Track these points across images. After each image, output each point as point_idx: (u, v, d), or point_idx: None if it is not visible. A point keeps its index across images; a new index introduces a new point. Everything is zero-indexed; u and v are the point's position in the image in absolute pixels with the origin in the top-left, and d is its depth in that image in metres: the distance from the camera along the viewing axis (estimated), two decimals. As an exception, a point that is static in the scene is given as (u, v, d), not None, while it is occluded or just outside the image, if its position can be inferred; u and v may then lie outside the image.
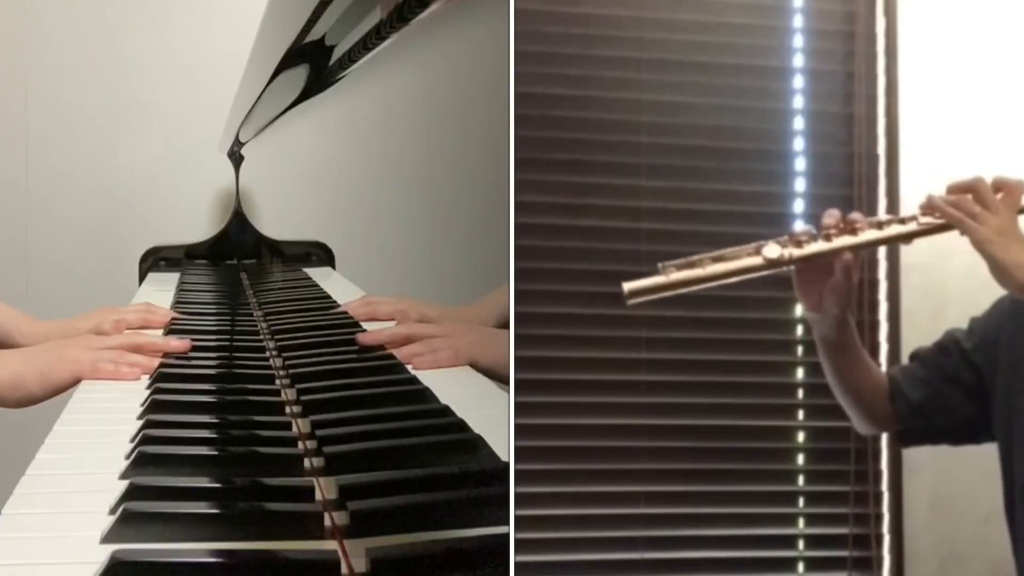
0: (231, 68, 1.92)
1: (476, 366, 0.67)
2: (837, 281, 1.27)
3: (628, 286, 1.23)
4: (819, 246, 1.25)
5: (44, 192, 2.47)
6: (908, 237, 1.30)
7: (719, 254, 1.26)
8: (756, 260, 1.25)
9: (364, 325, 1.03)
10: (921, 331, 2.16)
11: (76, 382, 1.18)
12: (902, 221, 1.27)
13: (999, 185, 1.26)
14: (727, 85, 2.26)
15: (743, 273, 1.26)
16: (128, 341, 1.25)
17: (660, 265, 1.24)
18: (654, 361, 2.21)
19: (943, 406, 1.40)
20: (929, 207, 1.27)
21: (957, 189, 1.27)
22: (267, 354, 1.27)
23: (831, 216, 1.27)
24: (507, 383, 0.57)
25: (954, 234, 1.91)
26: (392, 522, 0.69)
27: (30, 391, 1.19)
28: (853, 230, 1.25)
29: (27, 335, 1.38)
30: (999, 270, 1.23)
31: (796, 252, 1.25)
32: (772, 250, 1.24)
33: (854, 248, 1.26)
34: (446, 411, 0.80)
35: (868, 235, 1.25)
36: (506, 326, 0.60)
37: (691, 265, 1.25)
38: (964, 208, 1.25)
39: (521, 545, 2.12)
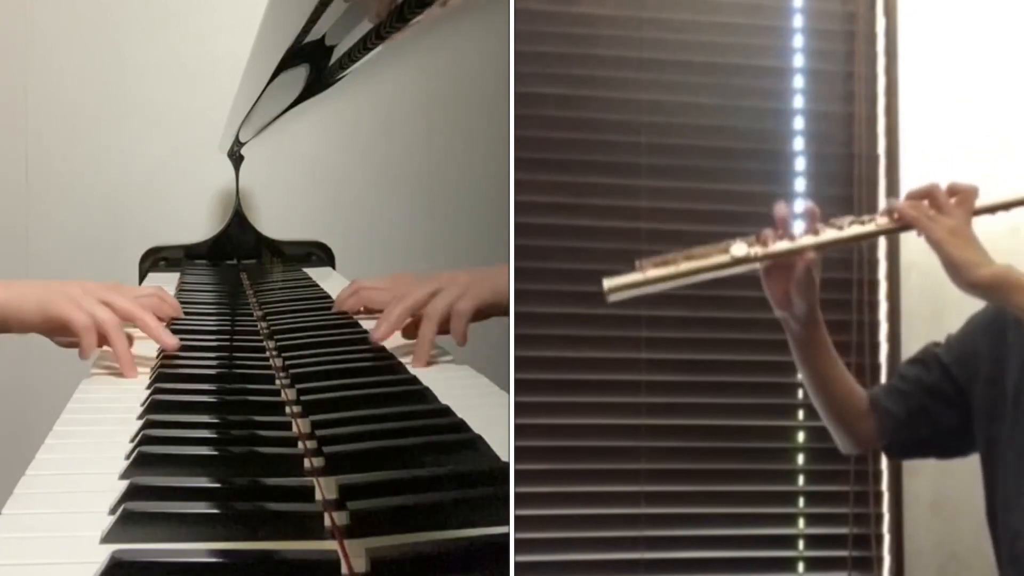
0: (231, 68, 1.92)
1: (498, 300, 0.66)
2: (800, 278, 1.34)
3: (608, 283, 1.29)
4: (783, 245, 1.33)
5: (44, 192, 2.47)
6: (868, 236, 1.38)
7: (691, 252, 1.35)
8: (724, 257, 1.34)
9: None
10: (921, 331, 2.17)
11: (67, 325, 1.20)
12: (862, 223, 1.35)
13: (953, 190, 1.34)
14: (727, 85, 2.26)
15: (713, 270, 1.35)
16: (127, 313, 1.26)
17: (637, 262, 1.31)
18: (654, 361, 2.21)
19: (927, 418, 1.45)
20: (888, 211, 1.35)
21: (915, 195, 1.35)
22: (267, 354, 1.27)
23: (779, 210, 1.34)
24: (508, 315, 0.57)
25: None
26: (392, 522, 0.69)
27: (27, 318, 1.21)
28: (815, 230, 1.33)
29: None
30: (952, 267, 1.31)
31: (761, 250, 1.33)
32: (739, 248, 1.34)
33: (817, 247, 1.33)
34: (446, 411, 0.80)
35: (829, 234, 1.33)
36: (505, 308, 0.59)
37: (666, 263, 1.33)
38: (920, 210, 1.33)
39: (521, 545, 2.12)
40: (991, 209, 1.36)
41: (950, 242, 1.30)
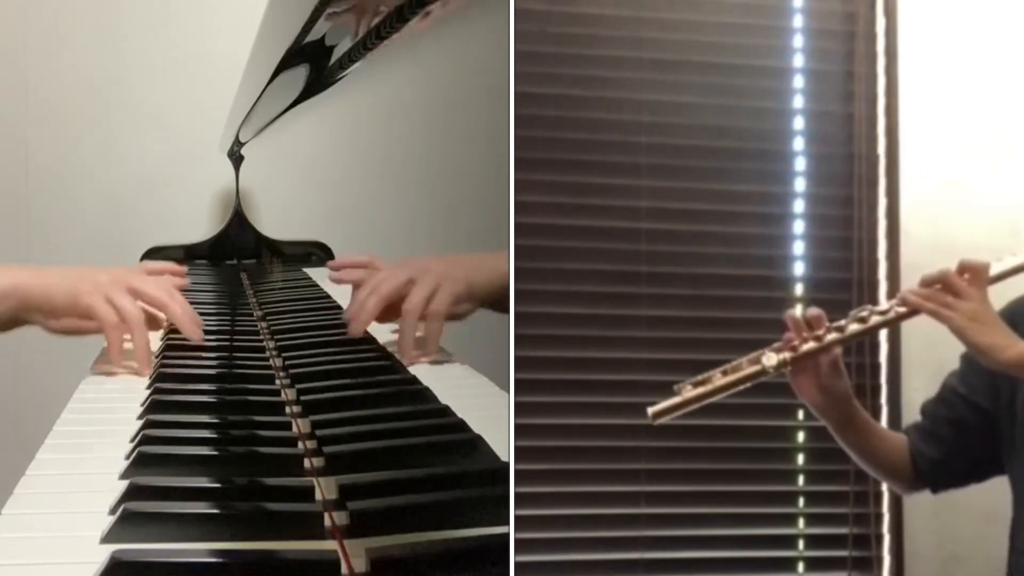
0: (231, 68, 1.92)
1: (473, 290, 0.66)
2: (828, 370, 1.38)
3: (652, 410, 1.38)
4: (812, 346, 1.38)
5: (44, 192, 2.47)
6: (890, 324, 1.41)
7: (725, 368, 1.40)
8: (757, 368, 1.39)
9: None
10: (921, 331, 2.16)
11: (94, 318, 1.21)
12: (882, 313, 1.39)
13: (965, 267, 1.35)
14: (727, 85, 2.26)
15: (748, 381, 1.40)
16: (156, 301, 1.26)
17: (675, 386, 1.38)
18: (654, 361, 2.21)
19: (960, 455, 1.48)
20: (903, 303, 1.37)
21: (928, 282, 1.36)
22: (267, 354, 1.27)
23: (790, 318, 1.39)
24: (506, 309, 0.57)
25: (954, 225, 2.05)
26: (392, 522, 0.69)
27: (58, 305, 1.22)
28: (840, 327, 1.37)
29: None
30: (979, 353, 1.32)
31: (791, 355, 1.38)
32: (771, 359, 1.39)
33: (843, 342, 1.38)
34: (446, 411, 0.80)
35: (854, 328, 1.38)
36: (501, 300, 0.59)
37: (703, 382, 1.38)
38: (936, 299, 1.34)
39: (521, 545, 2.12)
40: (1003, 277, 1.36)
41: (972, 328, 1.31)
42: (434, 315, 0.73)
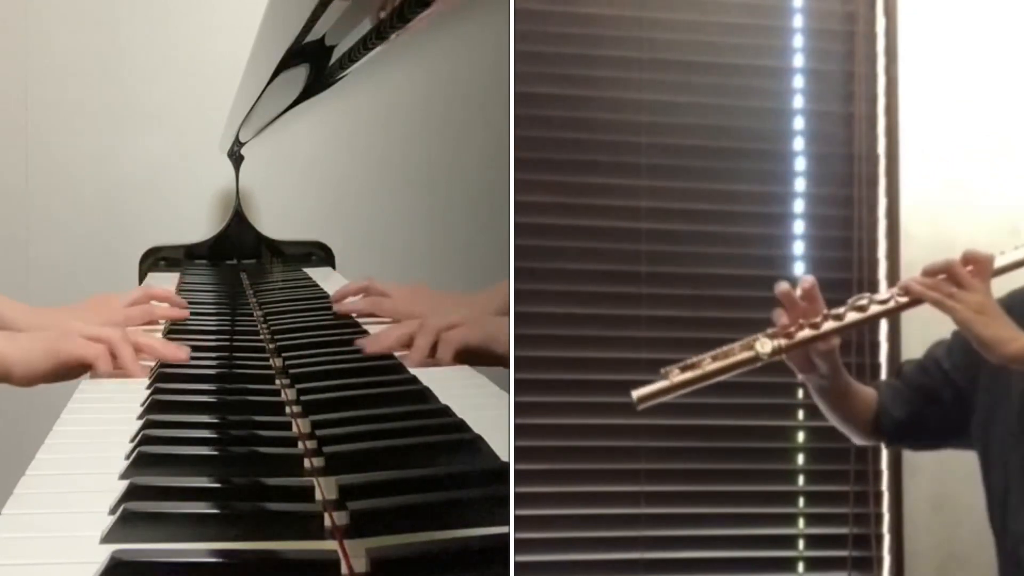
0: (231, 68, 1.92)
1: (468, 350, 0.67)
2: (822, 349, 1.35)
3: (636, 393, 1.33)
4: (808, 333, 1.34)
5: (44, 192, 2.47)
6: (889, 314, 1.38)
7: (716, 353, 1.35)
8: (750, 354, 1.35)
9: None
10: (921, 330, 2.16)
11: (81, 362, 1.18)
12: (882, 302, 1.35)
13: (969, 259, 1.33)
14: (727, 85, 2.26)
15: (740, 367, 1.35)
16: (131, 340, 1.24)
17: (662, 370, 1.34)
18: (654, 361, 2.21)
19: (922, 423, 1.49)
20: (906, 291, 1.34)
21: (932, 271, 1.33)
22: (267, 354, 1.27)
23: (781, 288, 1.36)
24: (502, 364, 0.57)
25: (954, 225, 2.04)
26: (392, 522, 0.69)
27: (39, 368, 1.17)
28: (838, 315, 1.34)
29: (26, 324, 1.38)
30: (983, 346, 1.30)
31: (786, 342, 1.34)
32: (765, 345, 1.34)
33: (841, 330, 1.35)
34: (446, 411, 0.80)
35: (852, 317, 1.34)
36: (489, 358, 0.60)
37: (692, 366, 1.34)
38: (941, 289, 1.32)
39: (521, 545, 2.12)
40: (1008, 269, 1.34)
41: (977, 321, 1.30)
42: (447, 343, 0.74)
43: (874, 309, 1.35)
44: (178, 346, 1.25)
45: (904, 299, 1.34)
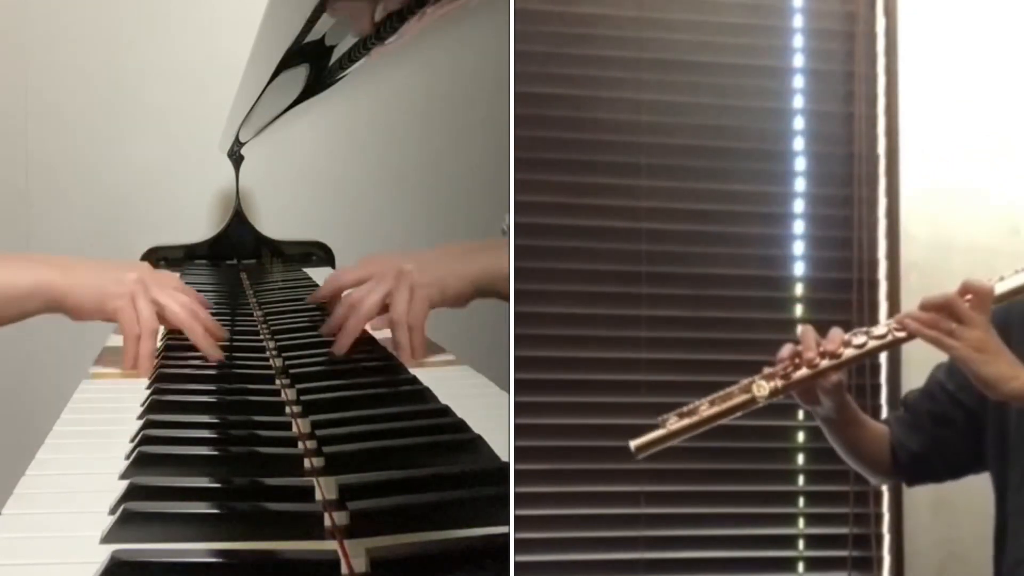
0: (231, 68, 1.92)
1: (446, 293, 0.67)
2: (827, 387, 1.33)
3: (634, 443, 1.32)
4: (805, 372, 1.33)
5: (44, 192, 2.47)
6: (888, 348, 1.36)
7: (714, 397, 1.34)
8: (747, 397, 1.33)
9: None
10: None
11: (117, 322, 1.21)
12: (880, 337, 1.33)
13: (967, 289, 1.29)
14: (727, 85, 2.26)
15: (737, 411, 1.34)
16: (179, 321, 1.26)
17: (660, 418, 1.33)
18: (654, 361, 2.21)
19: (940, 451, 1.45)
20: (902, 327, 1.32)
21: (930, 306, 1.30)
22: (267, 354, 1.27)
23: (783, 352, 1.34)
24: (505, 297, 0.57)
25: (954, 225, 2.02)
26: (392, 522, 0.69)
27: (85, 308, 1.21)
28: (835, 353, 1.32)
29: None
30: (984, 384, 1.27)
31: (783, 383, 1.33)
32: (762, 388, 1.33)
33: (838, 367, 1.32)
34: (446, 411, 0.80)
35: (850, 353, 1.32)
36: (492, 292, 0.60)
37: (689, 413, 1.33)
38: (940, 327, 1.28)
39: (521, 545, 2.12)
40: (1007, 297, 1.31)
41: (976, 359, 1.26)
42: (416, 327, 0.74)
43: (871, 344, 1.32)
44: (217, 349, 1.26)
45: (902, 334, 1.32)
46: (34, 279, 1.20)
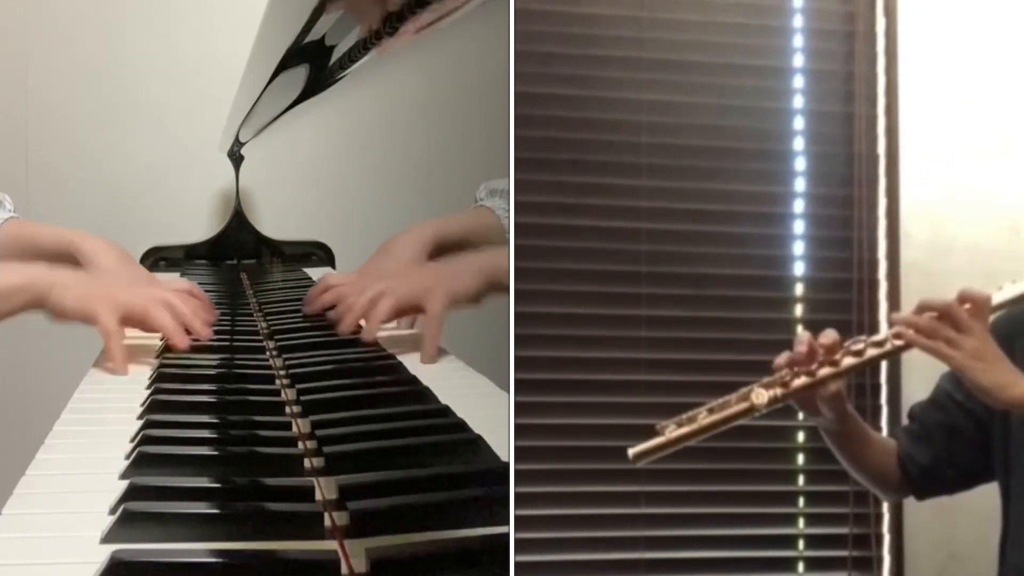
0: (231, 68, 1.92)
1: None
2: (827, 397, 1.33)
3: (633, 451, 1.32)
4: (804, 380, 1.32)
5: (44, 192, 2.47)
6: (887, 356, 1.35)
7: (712, 405, 1.33)
8: (745, 405, 1.33)
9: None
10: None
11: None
12: (878, 345, 1.32)
13: (965, 297, 1.29)
14: (727, 85, 2.26)
15: (736, 419, 1.34)
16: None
17: (658, 425, 1.33)
18: (654, 361, 2.21)
19: (952, 461, 1.44)
20: (899, 336, 1.30)
21: (927, 308, 1.29)
22: (267, 354, 1.27)
23: (786, 359, 1.34)
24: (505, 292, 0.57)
25: (954, 225, 2.01)
26: (392, 522, 0.69)
27: (65, 309, 1.22)
28: (834, 361, 1.31)
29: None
30: (983, 393, 1.27)
31: (782, 392, 1.32)
32: (761, 395, 1.32)
33: (837, 376, 1.31)
34: (446, 411, 0.80)
35: (848, 361, 1.31)
36: (491, 291, 0.60)
37: (688, 421, 1.32)
38: (938, 334, 1.27)
39: (521, 545, 2.12)
40: (1005, 306, 1.31)
41: (975, 368, 1.26)
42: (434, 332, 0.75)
43: (871, 353, 1.32)
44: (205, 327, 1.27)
45: (900, 343, 1.31)
46: (20, 278, 1.21)
